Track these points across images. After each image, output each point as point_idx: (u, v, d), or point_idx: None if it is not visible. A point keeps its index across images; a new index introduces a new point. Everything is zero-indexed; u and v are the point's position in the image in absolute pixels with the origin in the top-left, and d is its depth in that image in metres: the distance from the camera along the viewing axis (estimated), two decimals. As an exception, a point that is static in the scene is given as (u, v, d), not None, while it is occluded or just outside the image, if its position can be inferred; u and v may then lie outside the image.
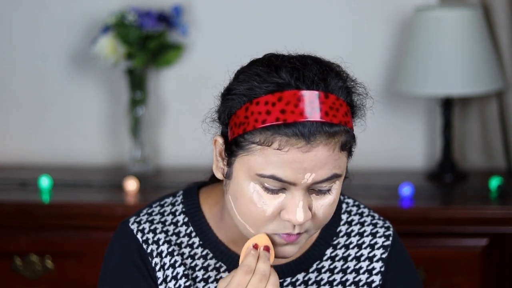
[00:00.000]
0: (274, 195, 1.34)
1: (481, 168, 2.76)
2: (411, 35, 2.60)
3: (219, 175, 1.41)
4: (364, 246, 1.52)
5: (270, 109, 1.31)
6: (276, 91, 1.32)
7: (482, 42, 2.55)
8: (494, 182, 2.51)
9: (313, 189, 1.35)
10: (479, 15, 2.56)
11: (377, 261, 1.51)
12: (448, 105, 2.63)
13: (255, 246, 1.36)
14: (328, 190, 1.36)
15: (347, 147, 1.35)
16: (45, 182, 2.57)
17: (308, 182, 1.32)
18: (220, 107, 1.39)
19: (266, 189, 1.34)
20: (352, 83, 1.39)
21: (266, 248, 1.36)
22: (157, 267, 1.46)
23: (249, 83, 1.34)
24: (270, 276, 1.34)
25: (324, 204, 1.36)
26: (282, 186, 1.33)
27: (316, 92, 1.32)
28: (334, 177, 1.34)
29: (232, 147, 1.36)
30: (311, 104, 1.31)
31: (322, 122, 1.31)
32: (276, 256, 1.39)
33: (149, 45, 2.68)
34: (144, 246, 1.47)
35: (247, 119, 1.33)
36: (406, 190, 2.47)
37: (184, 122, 2.77)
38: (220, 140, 1.39)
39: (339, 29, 2.79)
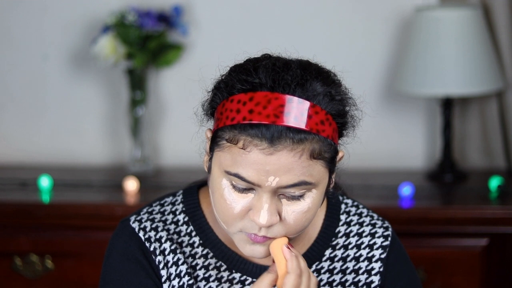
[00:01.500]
0: (243, 194, 1.34)
1: (481, 168, 2.76)
2: (411, 35, 2.60)
3: (205, 168, 1.42)
4: (363, 246, 1.52)
5: (241, 108, 1.32)
6: (250, 91, 1.33)
7: (482, 42, 2.55)
8: (494, 182, 2.51)
9: (283, 194, 1.34)
10: (479, 15, 2.56)
11: (376, 261, 1.51)
12: (448, 105, 2.63)
13: (288, 248, 1.36)
14: (300, 197, 1.35)
15: (322, 156, 1.33)
16: (45, 182, 2.57)
17: (273, 185, 1.32)
18: (207, 101, 1.41)
19: (234, 187, 1.34)
20: (343, 94, 1.37)
21: (292, 246, 1.37)
22: (161, 265, 1.46)
23: (230, 80, 1.35)
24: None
25: (296, 211, 1.35)
26: (248, 186, 1.33)
27: (289, 97, 1.31)
28: (302, 184, 1.33)
29: (212, 142, 1.37)
30: (281, 108, 1.30)
31: (288, 127, 1.30)
32: (246, 255, 1.40)
33: (149, 45, 2.68)
34: (147, 244, 1.47)
35: (221, 116, 1.35)
36: (406, 190, 2.47)
37: (184, 122, 2.77)
38: (209, 134, 1.40)
39: (339, 30, 2.79)
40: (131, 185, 2.55)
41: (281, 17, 2.80)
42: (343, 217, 1.54)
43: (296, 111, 1.31)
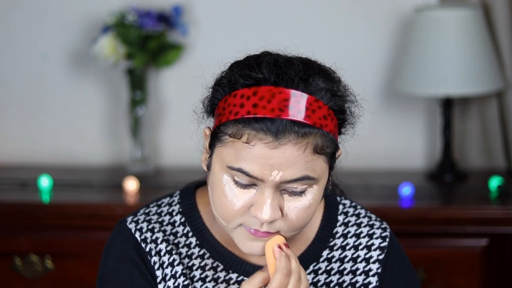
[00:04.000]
0: (245, 190, 1.34)
1: (481, 168, 2.76)
2: (411, 35, 2.60)
3: (204, 167, 1.42)
4: (360, 247, 1.52)
5: (244, 102, 1.32)
6: (253, 85, 1.33)
7: (482, 42, 2.55)
8: (494, 182, 2.51)
9: (285, 189, 1.34)
10: (479, 15, 2.56)
11: (373, 262, 1.51)
12: (448, 105, 2.63)
13: (279, 248, 1.36)
14: (302, 192, 1.35)
15: (324, 151, 1.34)
16: (45, 182, 2.57)
17: (276, 180, 1.32)
18: (207, 97, 1.41)
19: (236, 183, 1.34)
20: (343, 90, 1.38)
21: (287, 246, 1.37)
22: (156, 266, 1.47)
23: (232, 76, 1.36)
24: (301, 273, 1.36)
25: (298, 207, 1.36)
26: (251, 181, 1.33)
27: (292, 91, 1.32)
28: (305, 179, 1.33)
29: (213, 138, 1.37)
30: (285, 101, 1.31)
31: (293, 121, 1.31)
32: (245, 252, 1.39)
33: (149, 45, 2.68)
34: (143, 245, 1.47)
35: (224, 111, 1.35)
36: (406, 190, 2.47)
37: (184, 122, 2.77)
38: (208, 132, 1.40)
39: (339, 29, 2.79)
40: (131, 185, 2.55)
41: (281, 17, 2.80)
42: (341, 217, 1.54)
43: (300, 105, 1.31)
